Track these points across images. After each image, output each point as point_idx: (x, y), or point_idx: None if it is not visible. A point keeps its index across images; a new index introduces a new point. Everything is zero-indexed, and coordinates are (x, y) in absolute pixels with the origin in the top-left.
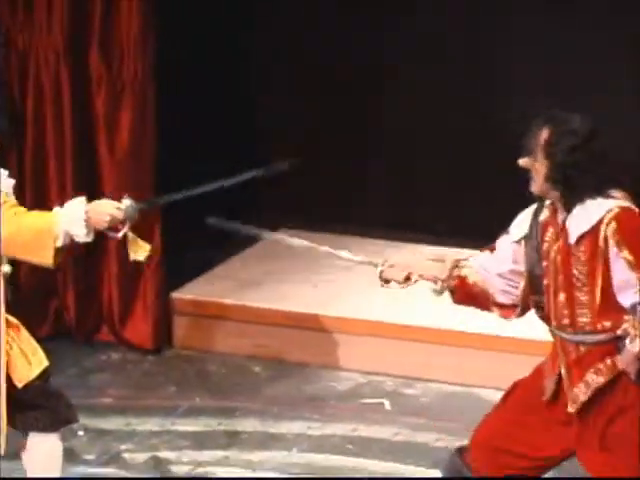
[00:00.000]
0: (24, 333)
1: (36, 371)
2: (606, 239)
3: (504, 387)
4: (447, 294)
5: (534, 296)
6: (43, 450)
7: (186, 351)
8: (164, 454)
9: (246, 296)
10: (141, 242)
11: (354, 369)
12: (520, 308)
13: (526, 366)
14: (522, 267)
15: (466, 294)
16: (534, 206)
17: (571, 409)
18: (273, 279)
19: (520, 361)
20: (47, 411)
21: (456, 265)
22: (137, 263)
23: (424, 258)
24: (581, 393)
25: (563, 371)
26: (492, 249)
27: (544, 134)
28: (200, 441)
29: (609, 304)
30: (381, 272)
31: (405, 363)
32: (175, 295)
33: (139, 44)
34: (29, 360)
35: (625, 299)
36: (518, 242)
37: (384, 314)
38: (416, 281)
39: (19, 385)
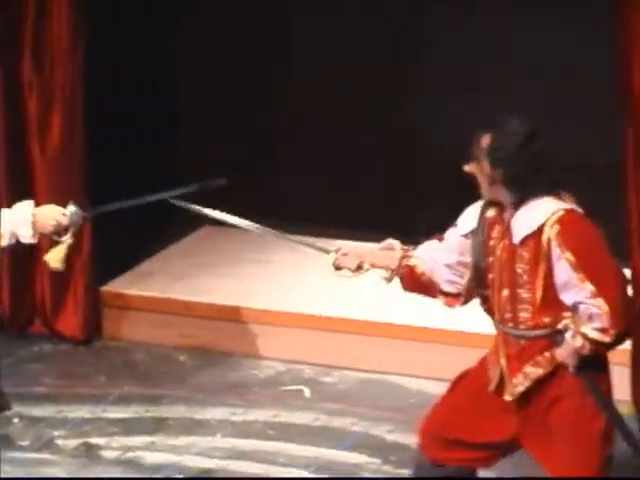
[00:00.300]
0: None
1: None
2: (549, 241)
3: (416, 374)
4: (396, 281)
5: (479, 289)
6: None
7: (115, 342)
8: (95, 440)
9: (171, 289)
10: (65, 257)
11: (275, 358)
12: (464, 298)
13: (438, 354)
14: (468, 259)
15: (414, 282)
16: (482, 202)
17: (508, 398)
18: (198, 273)
19: (432, 349)
20: None
21: (405, 255)
22: (69, 259)
23: (375, 248)
24: (519, 384)
25: (503, 362)
26: (440, 239)
27: (486, 139)
28: (129, 427)
29: (549, 301)
30: (335, 260)
31: (323, 352)
32: (104, 289)
33: (69, 50)
34: None
35: (567, 298)
36: (465, 236)
37: (303, 306)
38: (367, 269)
39: None
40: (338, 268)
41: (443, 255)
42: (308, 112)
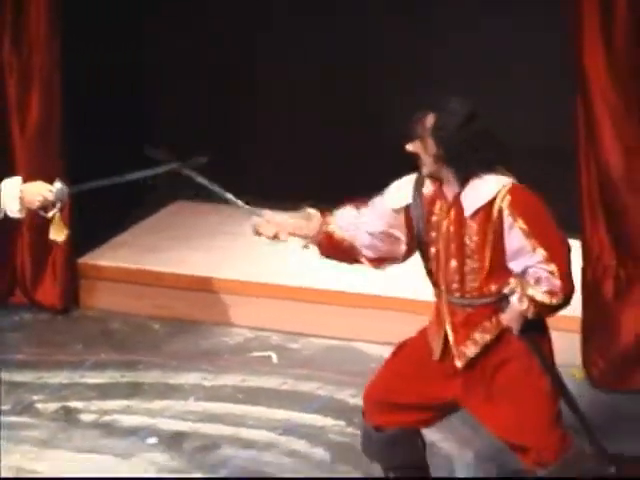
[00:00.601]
0: None
1: None
2: (500, 211)
3: (379, 341)
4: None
5: (423, 262)
6: None
7: (91, 311)
8: (73, 404)
9: (145, 261)
10: (63, 226)
11: (244, 326)
12: (387, 262)
13: (396, 321)
14: (397, 232)
15: (333, 248)
16: (412, 177)
17: (459, 364)
18: (171, 245)
19: (391, 317)
20: None
21: (324, 222)
22: (46, 231)
23: (296, 217)
24: (468, 350)
25: (449, 331)
26: (358, 207)
27: (430, 119)
28: (105, 392)
29: (496, 270)
30: (256, 225)
31: (289, 320)
32: (81, 261)
33: (46, 43)
34: None
35: (517, 264)
36: (397, 211)
37: (271, 277)
38: (284, 240)
39: None
40: (257, 233)
41: (367, 224)
42: (301, 112)
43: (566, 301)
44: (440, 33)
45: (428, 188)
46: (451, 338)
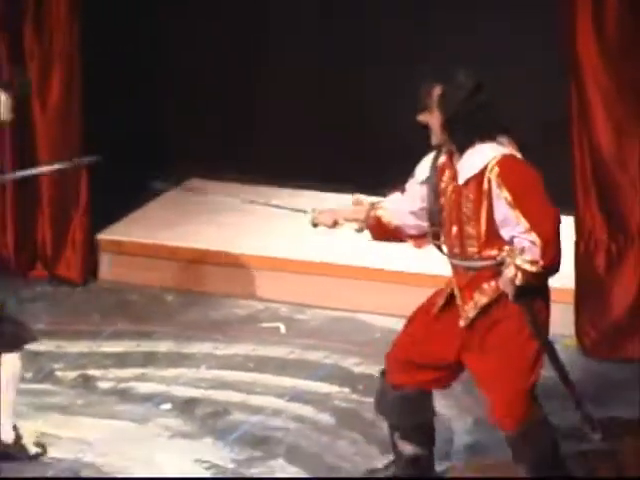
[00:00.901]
0: None
1: None
2: (490, 181)
3: (383, 312)
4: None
5: (432, 227)
6: (9, 366)
7: (109, 284)
8: (91, 372)
9: (159, 236)
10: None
11: (254, 297)
12: (430, 237)
13: (398, 294)
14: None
15: (382, 231)
16: (434, 153)
17: (462, 324)
18: (183, 221)
19: (393, 290)
20: (9, 335)
21: (372, 207)
22: (67, 209)
23: (346, 203)
24: (470, 310)
25: (456, 291)
26: (402, 190)
27: (437, 90)
28: (122, 360)
29: (492, 236)
30: (313, 218)
31: (297, 292)
32: (100, 236)
33: (67, 27)
34: None
35: (505, 233)
36: (422, 183)
37: (279, 251)
38: (342, 225)
39: None
40: (315, 225)
41: (407, 203)
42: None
43: (549, 270)
44: (438, 36)
45: (441, 159)
46: (457, 298)
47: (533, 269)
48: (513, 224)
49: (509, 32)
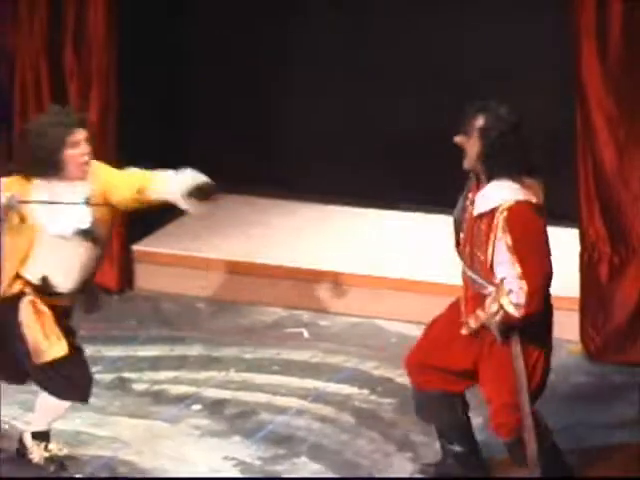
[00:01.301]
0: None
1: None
2: (497, 223)
3: (396, 318)
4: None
5: (457, 235)
6: (51, 405)
7: (144, 292)
8: (127, 375)
9: (191, 247)
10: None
11: (278, 305)
12: None
13: (413, 301)
14: None
15: None
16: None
17: (464, 332)
18: (214, 233)
19: (408, 297)
20: (61, 385)
21: None
22: None
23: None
24: (472, 322)
25: (462, 301)
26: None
27: (480, 120)
28: (156, 364)
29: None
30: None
31: (319, 300)
32: (136, 247)
33: (104, 43)
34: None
35: (499, 272)
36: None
37: (302, 262)
38: None
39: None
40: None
41: None
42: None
43: (527, 318)
44: (444, 36)
45: (471, 183)
46: (463, 308)
47: (515, 313)
48: (508, 266)
49: (519, 47)
